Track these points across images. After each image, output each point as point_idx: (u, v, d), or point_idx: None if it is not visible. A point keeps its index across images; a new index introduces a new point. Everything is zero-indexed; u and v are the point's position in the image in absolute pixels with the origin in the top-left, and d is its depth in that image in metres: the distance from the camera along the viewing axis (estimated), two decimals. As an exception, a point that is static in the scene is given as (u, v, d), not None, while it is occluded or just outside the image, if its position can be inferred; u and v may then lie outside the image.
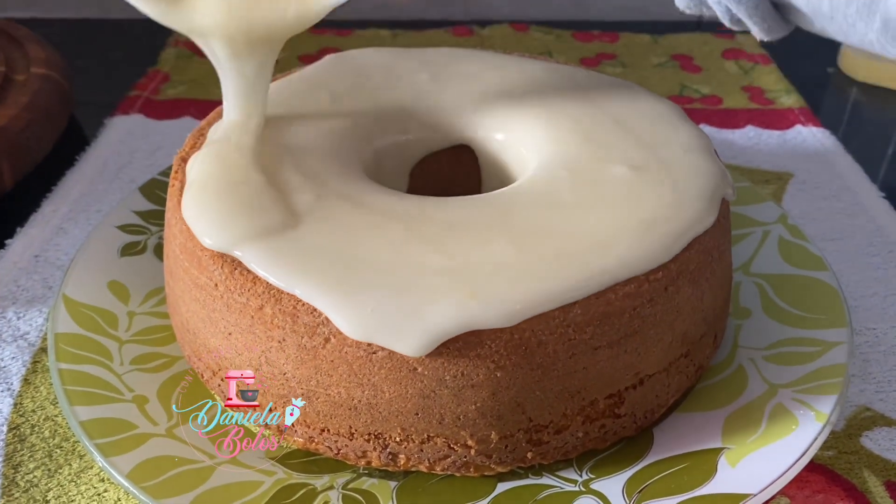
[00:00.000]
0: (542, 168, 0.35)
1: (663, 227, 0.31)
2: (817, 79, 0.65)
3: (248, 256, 0.30)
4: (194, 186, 0.33)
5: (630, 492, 0.31)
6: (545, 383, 0.30)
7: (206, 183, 0.32)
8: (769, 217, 0.44)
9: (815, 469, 0.34)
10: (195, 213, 0.32)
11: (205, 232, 0.31)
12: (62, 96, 0.55)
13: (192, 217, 0.32)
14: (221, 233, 0.31)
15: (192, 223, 0.32)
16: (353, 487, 0.31)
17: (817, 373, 0.35)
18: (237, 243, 0.30)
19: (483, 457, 0.31)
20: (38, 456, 0.34)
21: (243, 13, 0.33)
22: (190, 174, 0.33)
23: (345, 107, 0.39)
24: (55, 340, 0.35)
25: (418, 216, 0.32)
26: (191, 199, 0.32)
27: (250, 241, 0.30)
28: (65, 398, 0.33)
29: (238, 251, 0.30)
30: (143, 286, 0.40)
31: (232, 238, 0.30)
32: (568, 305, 0.29)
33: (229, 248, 0.30)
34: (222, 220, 0.31)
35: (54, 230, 0.46)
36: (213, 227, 0.31)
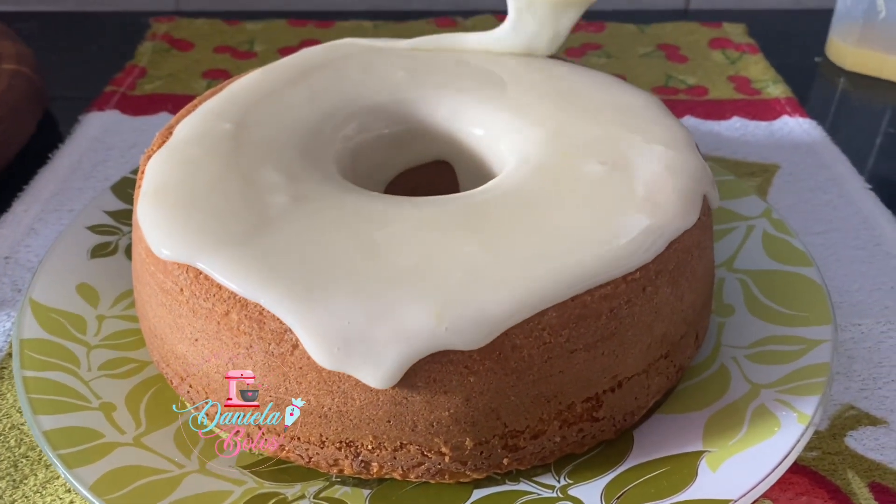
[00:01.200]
0: (517, 166, 0.34)
1: (640, 226, 0.30)
2: (805, 68, 0.64)
3: (210, 266, 0.29)
4: (151, 192, 0.31)
5: (609, 497, 0.30)
6: (520, 388, 0.29)
7: (167, 188, 0.31)
8: (753, 211, 0.43)
9: (799, 471, 0.33)
10: (151, 222, 0.31)
11: (161, 243, 0.30)
12: (34, 92, 0.54)
13: (148, 226, 0.31)
14: (179, 244, 0.30)
15: (147, 232, 0.30)
16: (325, 496, 0.30)
17: (800, 372, 0.34)
18: (196, 255, 0.29)
19: (458, 464, 0.30)
20: (2, 466, 0.33)
21: None
22: (148, 177, 0.32)
23: (320, 102, 0.38)
24: (20, 347, 0.34)
25: (391, 218, 0.31)
26: (147, 207, 0.31)
27: (211, 251, 0.29)
28: (28, 407, 0.32)
29: (200, 262, 0.29)
30: (113, 289, 0.39)
31: (190, 250, 0.29)
32: (543, 309, 0.28)
33: (189, 259, 0.29)
34: (180, 230, 0.30)
35: (25, 231, 0.45)
36: (170, 238, 0.30)
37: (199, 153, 0.33)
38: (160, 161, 0.33)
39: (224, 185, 0.32)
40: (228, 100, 0.37)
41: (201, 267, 0.29)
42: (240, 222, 0.30)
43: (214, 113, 0.36)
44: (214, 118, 0.36)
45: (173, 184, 0.32)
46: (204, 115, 0.36)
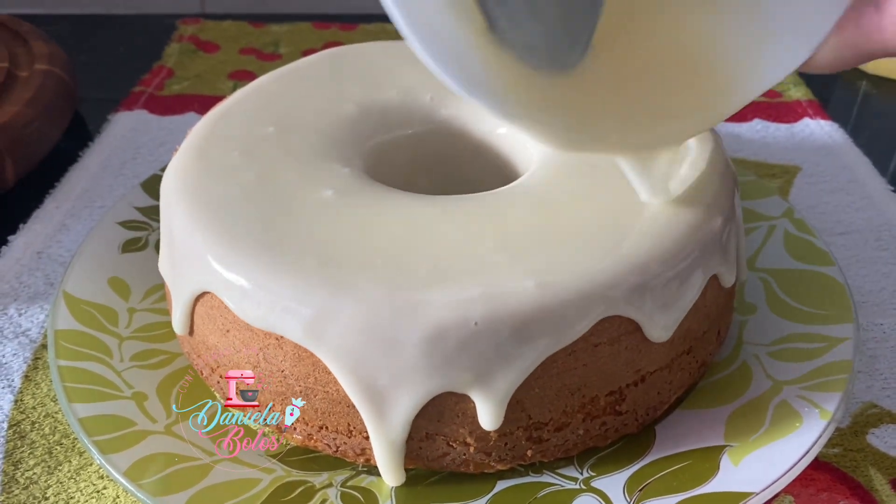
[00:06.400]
0: (543, 165, 0.35)
1: (664, 224, 0.31)
2: (826, 71, 0.64)
3: (247, 277, 0.30)
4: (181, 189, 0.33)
5: (631, 490, 0.30)
6: (545, 380, 0.29)
7: (199, 186, 0.32)
8: (775, 211, 0.43)
9: (820, 467, 0.33)
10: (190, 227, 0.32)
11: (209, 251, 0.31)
12: (66, 92, 0.55)
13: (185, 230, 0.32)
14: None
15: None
16: (351, 485, 0.31)
17: (822, 369, 0.34)
18: (232, 265, 0.30)
19: (482, 454, 0.31)
20: (38, 453, 0.34)
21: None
22: (180, 176, 0.33)
23: (344, 101, 0.38)
24: (55, 337, 0.35)
25: (415, 218, 0.31)
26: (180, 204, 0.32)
27: (247, 257, 0.30)
28: (64, 395, 0.33)
29: (233, 273, 0.30)
30: (143, 282, 0.39)
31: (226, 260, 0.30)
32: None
33: (226, 267, 0.30)
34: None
35: (57, 226, 0.46)
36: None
37: (235, 156, 0.34)
38: (193, 160, 0.34)
39: (258, 187, 0.33)
40: (260, 100, 0.38)
41: (233, 278, 0.30)
42: (271, 222, 0.31)
43: (248, 115, 0.37)
44: (250, 120, 0.37)
45: (205, 185, 0.33)
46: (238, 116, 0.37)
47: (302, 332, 0.29)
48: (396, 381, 0.29)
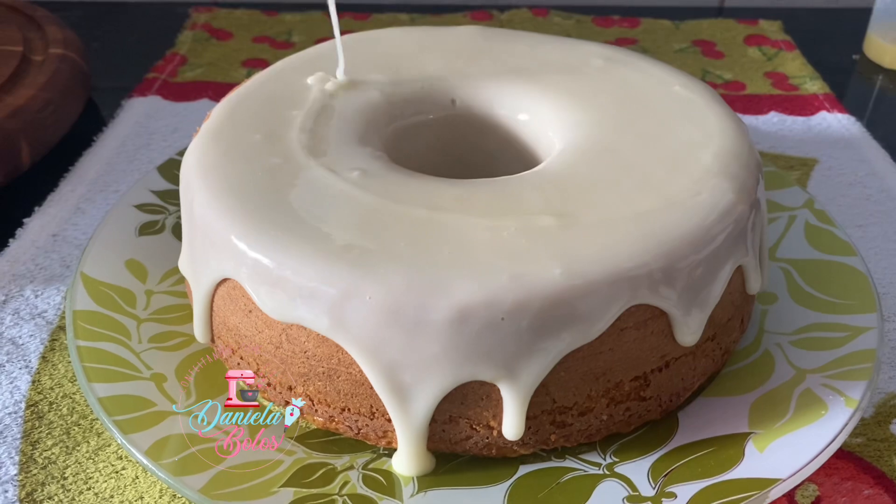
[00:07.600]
0: (565, 150, 0.35)
1: (691, 210, 0.31)
2: (842, 65, 0.64)
3: (271, 257, 0.30)
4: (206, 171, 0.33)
5: (655, 476, 0.30)
6: (570, 364, 0.29)
7: (226, 172, 0.32)
8: (795, 202, 0.43)
9: (844, 456, 0.33)
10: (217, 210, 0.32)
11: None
12: (80, 77, 0.54)
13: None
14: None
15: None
16: (373, 468, 0.31)
17: (846, 358, 0.34)
18: (255, 245, 0.30)
19: (505, 438, 0.30)
20: (56, 433, 0.33)
21: None
22: (206, 163, 0.33)
23: (365, 86, 0.38)
24: (73, 318, 0.35)
25: (437, 201, 0.31)
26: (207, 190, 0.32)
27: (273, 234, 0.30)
28: (83, 375, 0.33)
29: (258, 253, 0.30)
30: (160, 265, 0.39)
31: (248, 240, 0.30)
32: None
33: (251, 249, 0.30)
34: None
35: (72, 209, 0.46)
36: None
37: (257, 138, 0.34)
38: (214, 142, 0.33)
39: (280, 169, 0.33)
40: (280, 84, 0.38)
41: (257, 257, 0.30)
42: (294, 204, 0.31)
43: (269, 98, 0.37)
44: (272, 103, 0.36)
45: (226, 166, 0.32)
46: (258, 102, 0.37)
47: (327, 318, 0.28)
48: (420, 367, 0.28)
